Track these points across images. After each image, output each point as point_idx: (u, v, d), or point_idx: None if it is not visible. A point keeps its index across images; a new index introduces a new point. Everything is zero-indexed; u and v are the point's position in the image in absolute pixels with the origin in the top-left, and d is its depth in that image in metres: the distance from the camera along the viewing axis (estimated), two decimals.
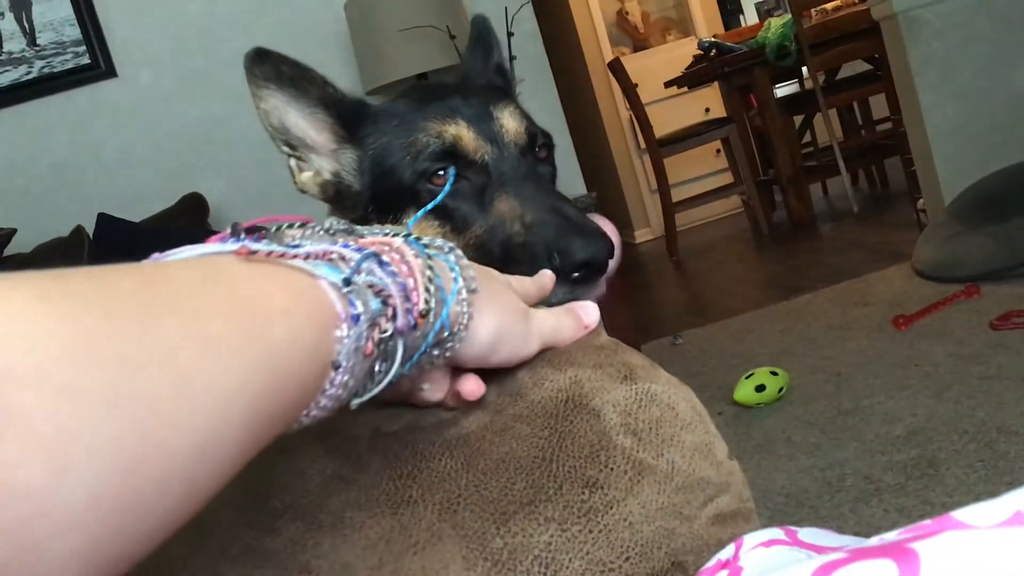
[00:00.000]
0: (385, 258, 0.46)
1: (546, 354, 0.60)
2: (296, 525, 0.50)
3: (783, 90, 6.35)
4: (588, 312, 0.65)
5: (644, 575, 0.47)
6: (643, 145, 5.72)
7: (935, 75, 3.28)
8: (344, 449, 0.55)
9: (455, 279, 0.50)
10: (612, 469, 0.51)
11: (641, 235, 6.66)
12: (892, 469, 1.86)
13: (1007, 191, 3.06)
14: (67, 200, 3.30)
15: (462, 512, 0.49)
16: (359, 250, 0.44)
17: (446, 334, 0.50)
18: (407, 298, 0.45)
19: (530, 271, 0.74)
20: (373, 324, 0.42)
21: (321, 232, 0.46)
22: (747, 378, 2.47)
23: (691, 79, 5.66)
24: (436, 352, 0.50)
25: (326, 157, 0.95)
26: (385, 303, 0.43)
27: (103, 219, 2.92)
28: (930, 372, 2.31)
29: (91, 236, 2.94)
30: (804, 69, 5.19)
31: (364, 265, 0.44)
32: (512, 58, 3.17)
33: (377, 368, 0.45)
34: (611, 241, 0.79)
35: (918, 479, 1.79)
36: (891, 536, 0.33)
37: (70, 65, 3.34)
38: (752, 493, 0.56)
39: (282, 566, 0.48)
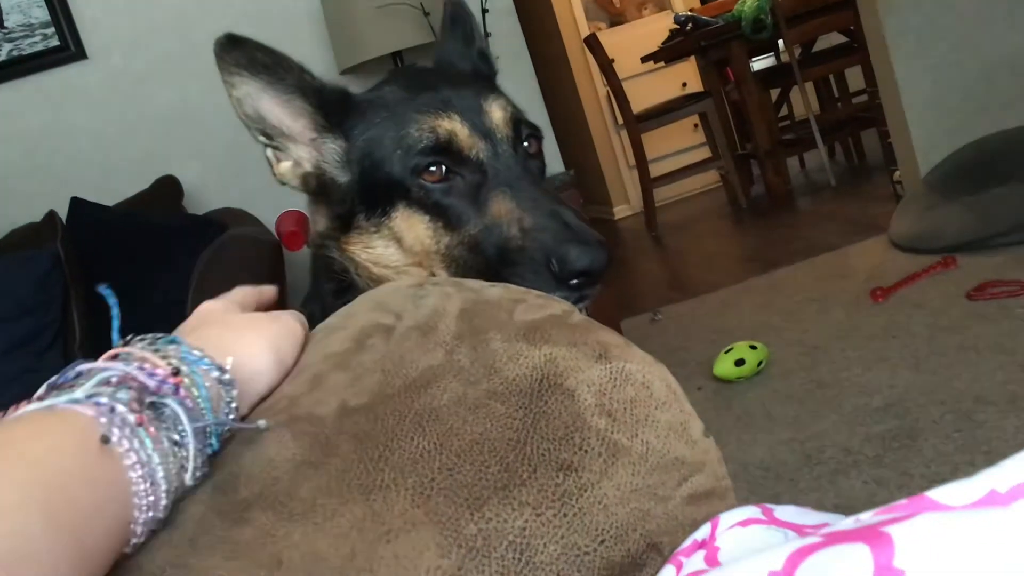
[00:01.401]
0: (105, 363, 0.53)
1: (521, 328, 0.59)
2: (266, 515, 0.49)
3: (760, 64, 6.33)
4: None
5: (619, 558, 0.47)
6: (620, 121, 5.70)
7: (910, 46, 3.29)
8: (311, 432, 0.54)
9: (184, 348, 0.57)
10: (586, 451, 0.50)
11: (620, 211, 6.66)
12: (870, 441, 1.87)
13: (983, 162, 3.07)
14: (39, 185, 3.24)
15: (435, 497, 0.49)
16: (80, 372, 0.52)
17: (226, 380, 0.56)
18: (148, 372, 0.52)
19: (527, 275, 0.76)
20: (129, 401, 0.49)
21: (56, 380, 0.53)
22: (726, 352, 2.48)
23: (668, 54, 5.64)
24: (226, 411, 0.56)
25: (305, 146, 0.93)
26: (123, 382, 0.50)
27: (76, 203, 2.88)
28: (907, 343, 2.32)
29: (64, 221, 2.90)
30: (780, 42, 5.18)
31: (102, 374, 0.51)
32: (487, 35, 3.14)
33: (176, 438, 0.50)
34: (608, 248, 0.79)
35: (896, 450, 1.80)
36: (866, 517, 0.32)
37: (39, 48, 3.27)
38: (731, 467, 0.56)
39: (253, 557, 0.47)
